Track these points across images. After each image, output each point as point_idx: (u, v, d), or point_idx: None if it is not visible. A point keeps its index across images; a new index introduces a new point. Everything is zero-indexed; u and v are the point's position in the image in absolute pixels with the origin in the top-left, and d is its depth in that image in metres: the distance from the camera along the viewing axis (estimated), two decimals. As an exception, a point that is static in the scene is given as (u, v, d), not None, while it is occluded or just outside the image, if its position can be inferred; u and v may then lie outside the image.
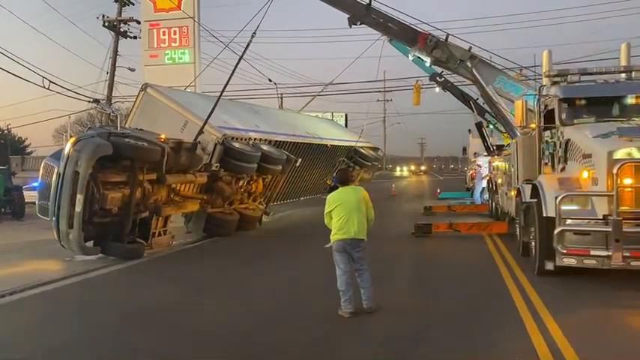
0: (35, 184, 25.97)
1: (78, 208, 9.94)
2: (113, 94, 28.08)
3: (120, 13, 28.25)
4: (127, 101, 27.09)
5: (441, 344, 5.90)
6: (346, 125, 41.11)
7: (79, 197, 9.95)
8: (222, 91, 14.25)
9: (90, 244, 10.73)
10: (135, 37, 28.98)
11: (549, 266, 8.18)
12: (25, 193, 21.77)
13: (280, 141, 17.44)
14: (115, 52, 28.02)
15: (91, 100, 26.59)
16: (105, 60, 28.13)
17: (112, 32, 28.06)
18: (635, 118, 9.19)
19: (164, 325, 6.82)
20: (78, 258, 10.93)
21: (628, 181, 7.59)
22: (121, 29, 28.22)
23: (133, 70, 29.95)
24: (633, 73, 10.09)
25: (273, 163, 15.61)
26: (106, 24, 27.78)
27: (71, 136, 11.63)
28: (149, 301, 8.01)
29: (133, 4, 28.70)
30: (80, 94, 26.49)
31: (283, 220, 19.26)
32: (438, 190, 29.18)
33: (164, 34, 28.94)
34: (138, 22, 28.76)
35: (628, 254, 7.46)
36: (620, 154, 7.75)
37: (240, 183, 15.43)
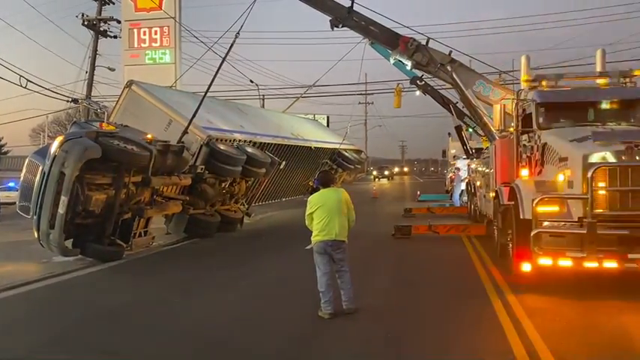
0: (11, 185, 25.59)
1: (61, 210, 9.78)
2: (92, 94, 27.72)
3: (100, 12, 27.93)
4: (107, 101, 26.78)
5: (420, 345, 5.97)
6: (328, 127, 41.13)
7: (63, 199, 9.79)
8: (207, 91, 14.20)
9: (69, 243, 10.59)
10: (115, 37, 28.71)
11: (526, 268, 8.31)
12: None
13: (265, 142, 17.41)
14: (95, 51, 27.68)
15: (70, 99, 26.25)
16: (84, 59, 27.79)
17: (91, 31, 27.71)
18: (610, 123, 9.41)
19: (141, 326, 6.78)
20: (55, 259, 10.78)
21: (602, 184, 7.75)
22: (101, 28, 27.91)
23: (113, 69, 29.69)
24: (608, 79, 10.30)
25: (257, 166, 15.58)
26: (86, 23, 27.43)
27: (49, 136, 11.48)
28: (127, 302, 7.95)
29: (114, 4, 28.42)
30: (58, 93, 26.18)
31: (264, 222, 19.23)
32: (418, 193, 29.42)
33: (145, 34, 28.75)
34: (118, 22, 28.50)
35: (602, 256, 7.63)
36: (594, 158, 7.91)
37: (223, 185, 15.38)
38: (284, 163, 17.94)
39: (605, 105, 9.73)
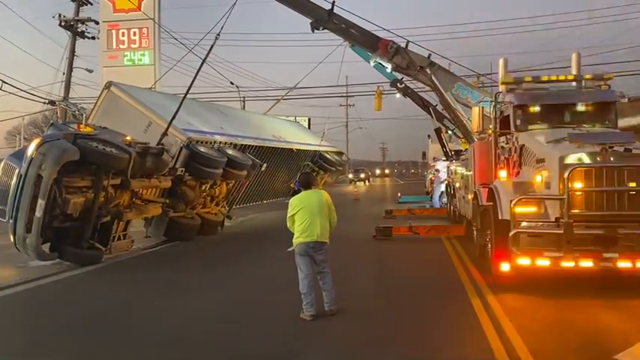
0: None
1: (38, 214, 9.60)
2: (70, 96, 27.30)
3: (77, 13, 27.54)
4: (85, 103, 26.40)
5: (401, 345, 6.02)
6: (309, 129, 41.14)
7: (41, 202, 9.61)
8: (186, 93, 14.10)
9: (46, 247, 10.40)
10: (93, 38, 28.32)
11: (505, 268, 8.43)
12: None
13: (246, 145, 17.33)
14: (72, 52, 27.28)
15: (47, 101, 25.85)
16: (61, 60, 27.38)
17: (68, 32, 27.32)
18: (586, 125, 9.60)
19: (121, 331, 6.72)
20: (32, 264, 10.60)
21: (578, 185, 7.90)
22: (79, 29, 27.52)
23: (90, 71, 29.26)
24: (583, 81, 10.50)
25: (238, 169, 15.49)
26: (63, 24, 27.03)
27: (25, 138, 11.28)
28: (105, 307, 7.85)
29: (92, 4, 28.06)
30: (35, 95, 25.76)
31: (245, 225, 19.15)
32: (399, 194, 29.60)
33: (123, 35, 28.45)
34: (96, 23, 28.13)
35: (578, 255, 7.78)
36: (570, 160, 8.07)
37: (204, 187, 15.28)
38: (265, 165, 17.89)
39: (580, 107, 9.91)
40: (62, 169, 9.89)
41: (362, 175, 59.88)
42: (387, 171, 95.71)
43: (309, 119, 46.29)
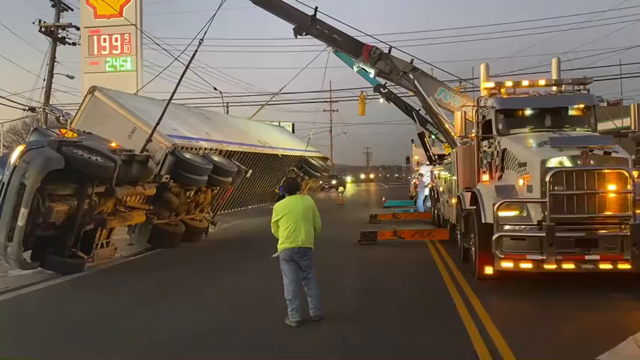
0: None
1: (20, 222, 9.44)
2: (51, 102, 26.96)
3: (58, 19, 27.25)
4: (66, 109, 26.06)
5: (387, 350, 6.02)
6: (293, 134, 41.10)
7: (23, 211, 9.45)
8: (170, 99, 14.00)
9: (27, 256, 10.23)
10: (74, 44, 28.04)
11: (489, 271, 8.50)
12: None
13: (231, 150, 17.25)
14: (53, 58, 26.95)
15: (27, 108, 25.51)
16: (42, 67, 27.04)
17: (49, 38, 27.01)
18: (566, 129, 9.74)
19: (104, 340, 6.63)
20: (12, 273, 10.43)
21: (559, 188, 8.01)
22: (59, 35, 27.23)
23: (72, 77, 28.97)
24: (563, 86, 10.66)
25: (224, 175, 15.39)
26: (43, 29, 26.71)
27: (5, 145, 11.10)
28: (88, 316, 7.75)
29: (72, 10, 27.79)
30: (14, 101, 25.45)
31: (230, 231, 19.05)
32: (384, 199, 29.71)
33: (105, 41, 28.27)
34: (77, 29, 27.86)
35: (560, 258, 7.88)
36: (552, 163, 8.19)
37: (188, 194, 15.16)
38: (250, 171, 17.81)
39: (561, 111, 10.06)
40: (46, 178, 9.75)
41: (333, 182, 52.93)
42: (371, 176, 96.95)
43: (292, 124, 46.26)
